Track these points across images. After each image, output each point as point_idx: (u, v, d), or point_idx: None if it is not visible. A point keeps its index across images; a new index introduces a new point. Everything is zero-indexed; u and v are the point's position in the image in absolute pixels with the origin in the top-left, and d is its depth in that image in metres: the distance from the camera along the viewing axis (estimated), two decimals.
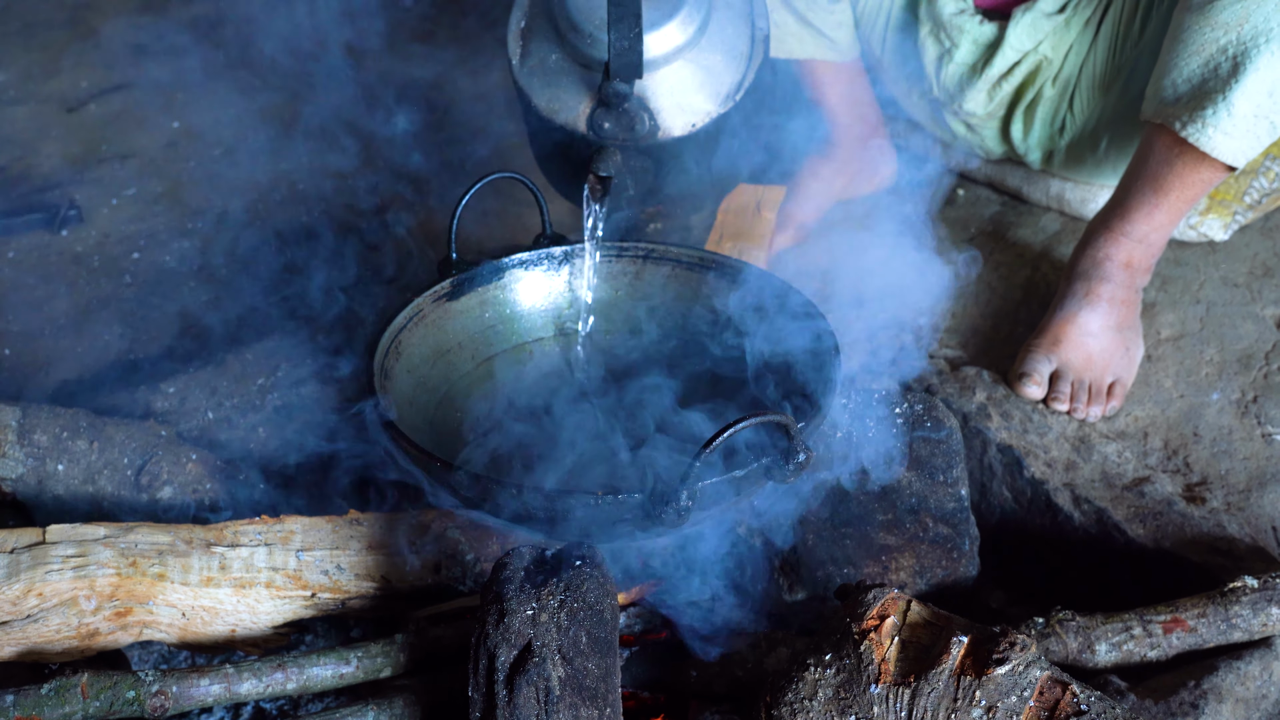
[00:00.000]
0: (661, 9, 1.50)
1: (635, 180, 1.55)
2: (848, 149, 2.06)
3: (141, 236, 2.13)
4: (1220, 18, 1.56)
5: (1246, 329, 1.83)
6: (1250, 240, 2.00)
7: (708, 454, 1.17)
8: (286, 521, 1.43)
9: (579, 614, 1.15)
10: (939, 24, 1.91)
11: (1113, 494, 1.58)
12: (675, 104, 1.52)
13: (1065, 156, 1.98)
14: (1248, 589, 1.36)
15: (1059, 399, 1.70)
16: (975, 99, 1.94)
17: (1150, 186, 1.69)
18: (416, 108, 2.16)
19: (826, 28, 1.94)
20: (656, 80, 1.50)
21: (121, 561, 1.36)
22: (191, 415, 1.67)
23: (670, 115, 1.53)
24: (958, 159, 2.15)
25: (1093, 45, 1.85)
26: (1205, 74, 1.59)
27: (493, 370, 1.59)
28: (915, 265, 1.91)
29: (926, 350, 1.80)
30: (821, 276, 1.91)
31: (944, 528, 1.49)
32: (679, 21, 1.50)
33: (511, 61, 1.60)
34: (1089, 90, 1.88)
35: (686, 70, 1.53)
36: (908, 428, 1.56)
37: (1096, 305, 1.73)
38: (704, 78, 1.53)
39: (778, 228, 1.98)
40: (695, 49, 1.53)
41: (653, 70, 1.50)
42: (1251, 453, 1.64)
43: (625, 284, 1.61)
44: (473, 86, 2.35)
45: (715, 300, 1.57)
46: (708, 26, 1.53)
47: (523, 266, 1.60)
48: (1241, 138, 1.59)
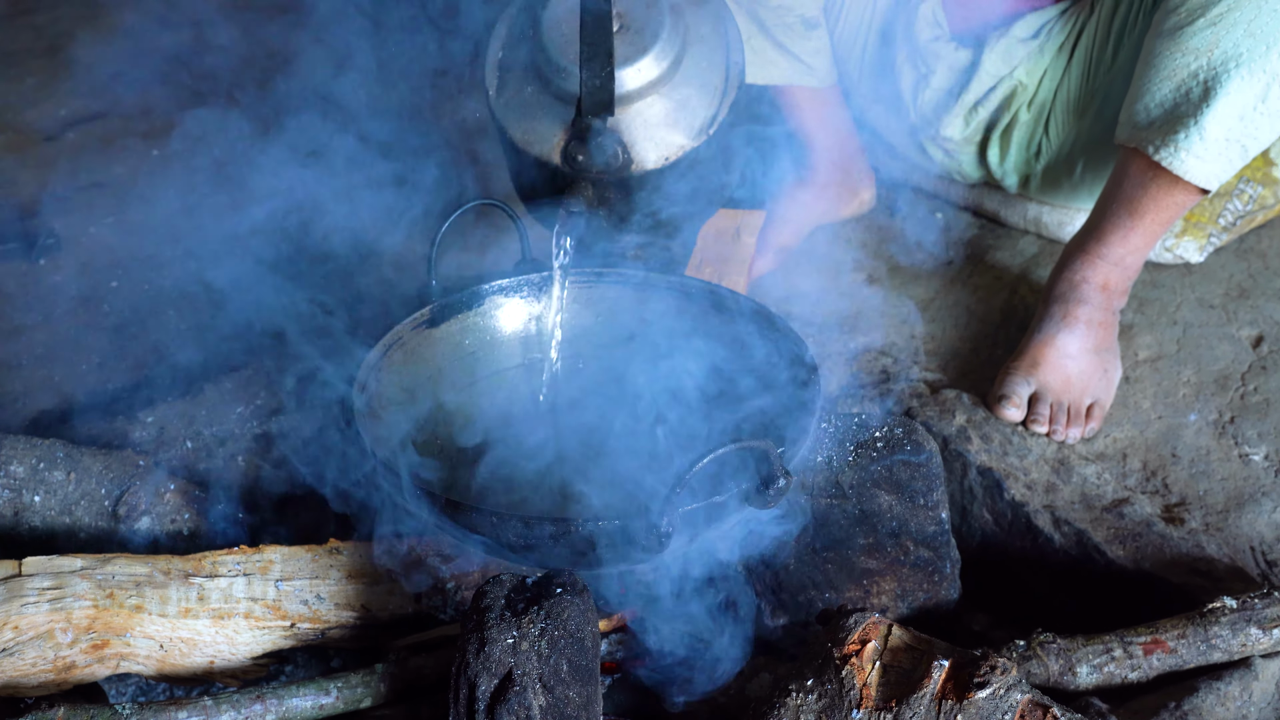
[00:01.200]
0: (636, 44, 1.51)
1: (609, 212, 1.56)
2: (826, 173, 2.08)
3: (120, 265, 2.12)
4: (1191, 43, 1.58)
5: (1223, 350, 1.84)
6: (1225, 262, 2.01)
7: (687, 480, 1.17)
8: (265, 551, 1.42)
9: (560, 642, 1.15)
10: (915, 50, 1.93)
11: (1092, 515, 1.59)
12: (649, 137, 1.54)
13: (1041, 180, 1.99)
14: (1227, 610, 1.37)
15: (1038, 421, 1.70)
16: (952, 124, 1.96)
17: (1125, 210, 1.70)
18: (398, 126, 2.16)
19: (803, 54, 1.95)
20: (631, 114, 1.52)
21: (98, 593, 1.34)
22: (170, 445, 1.66)
23: (644, 148, 1.54)
24: (936, 183, 2.16)
25: (1067, 70, 1.87)
26: (1177, 99, 1.61)
27: (473, 396, 1.58)
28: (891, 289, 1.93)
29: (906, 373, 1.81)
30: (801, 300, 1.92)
31: (925, 551, 1.49)
32: (653, 56, 1.52)
33: (488, 93, 1.61)
34: (1064, 115, 1.90)
35: (661, 104, 1.54)
36: (888, 451, 1.56)
37: (1074, 327, 1.74)
38: (678, 112, 1.55)
39: (758, 252, 1.99)
40: (669, 83, 1.54)
41: (627, 104, 1.51)
42: (1229, 473, 1.65)
43: (604, 310, 1.62)
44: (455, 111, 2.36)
45: (695, 325, 1.58)
46: (682, 61, 1.54)
47: (502, 293, 1.60)
48: (1214, 161, 1.61)
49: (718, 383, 1.46)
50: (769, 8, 1.88)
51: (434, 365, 1.53)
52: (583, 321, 1.62)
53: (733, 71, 1.57)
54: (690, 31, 1.56)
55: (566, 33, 1.52)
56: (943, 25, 1.93)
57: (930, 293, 1.99)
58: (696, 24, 1.58)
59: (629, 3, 1.53)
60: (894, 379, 1.78)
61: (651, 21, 1.53)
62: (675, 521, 1.20)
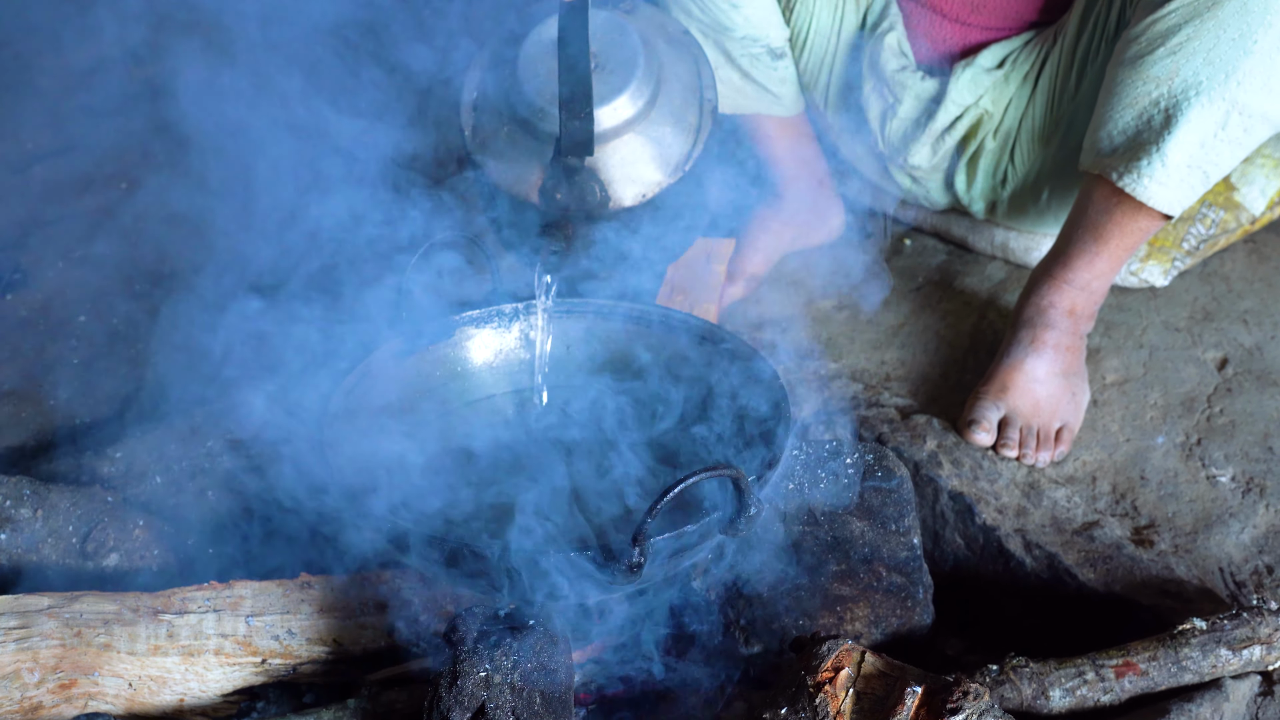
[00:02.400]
0: (612, 83, 1.53)
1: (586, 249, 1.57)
2: (796, 201, 2.09)
3: (88, 299, 2.11)
4: (1151, 72, 1.60)
5: (1189, 372, 1.86)
6: (1190, 285, 2.04)
7: (659, 509, 1.17)
8: (236, 586, 1.41)
9: (533, 674, 1.15)
10: (882, 80, 1.95)
11: (1063, 539, 1.60)
12: (626, 175, 1.55)
13: (1008, 207, 2.02)
14: (1197, 631, 1.38)
15: (1008, 445, 1.72)
16: (919, 152, 1.98)
17: (1091, 235, 1.72)
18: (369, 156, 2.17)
19: (771, 84, 1.97)
20: (607, 152, 1.53)
21: (66, 632, 1.33)
22: (139, 480, 1.65)
23: (621, 186, 1.55)
24: (904, 210, 2.18)
25: (1031, 99, 1.90)
26: (1139, 126, 1.63)
27: (445, 428, 1.58)
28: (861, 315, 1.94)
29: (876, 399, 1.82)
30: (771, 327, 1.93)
31: (898, 577, 1.49)
32: (629, 95, 1.54)
33: (464, 132, 1.62)
34: (1029, 142, 1.93)
35: (637, 142, 1.55)
36: (859, 477, 1.57)
37: (1042, 352, 1.76)
38: (654, 149, 1.56)
39: (728, 280, 2.00)
40: (645, 121, 1.56)
41: (604, 143, 1.53)
42: (1197, 495, 1.66)
43: (576, 340, 1.62)
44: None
45: (666, 354, 1.58)
46: (657, 99, 1.56)
47: (473, 324, 1.60)
48: (1176, 187, 1.63)
49: (689, 411, 1.47)
50: (735, 39, 1.90)
51: (404, 396, 1.53)
52: (554, 351, 1.62)
53: (706, 108, 1.60)
54: (664, 69, 1.58)
55: (542, 73, 1.54)
56: (909, 56, 1.95)
57: (900, 318, 2.00)
58: (670, 61, 1.60)
59: (603, 42, 1.55)
60: (864, 405, 1.79)
61: (626, 61, 1.55)
62: (647, 550, 1.20)
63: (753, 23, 1.89)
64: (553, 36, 1.54)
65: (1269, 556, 1.57)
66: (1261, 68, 1.54)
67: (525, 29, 1.60)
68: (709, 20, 1.86)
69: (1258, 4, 1.51)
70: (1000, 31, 1.90)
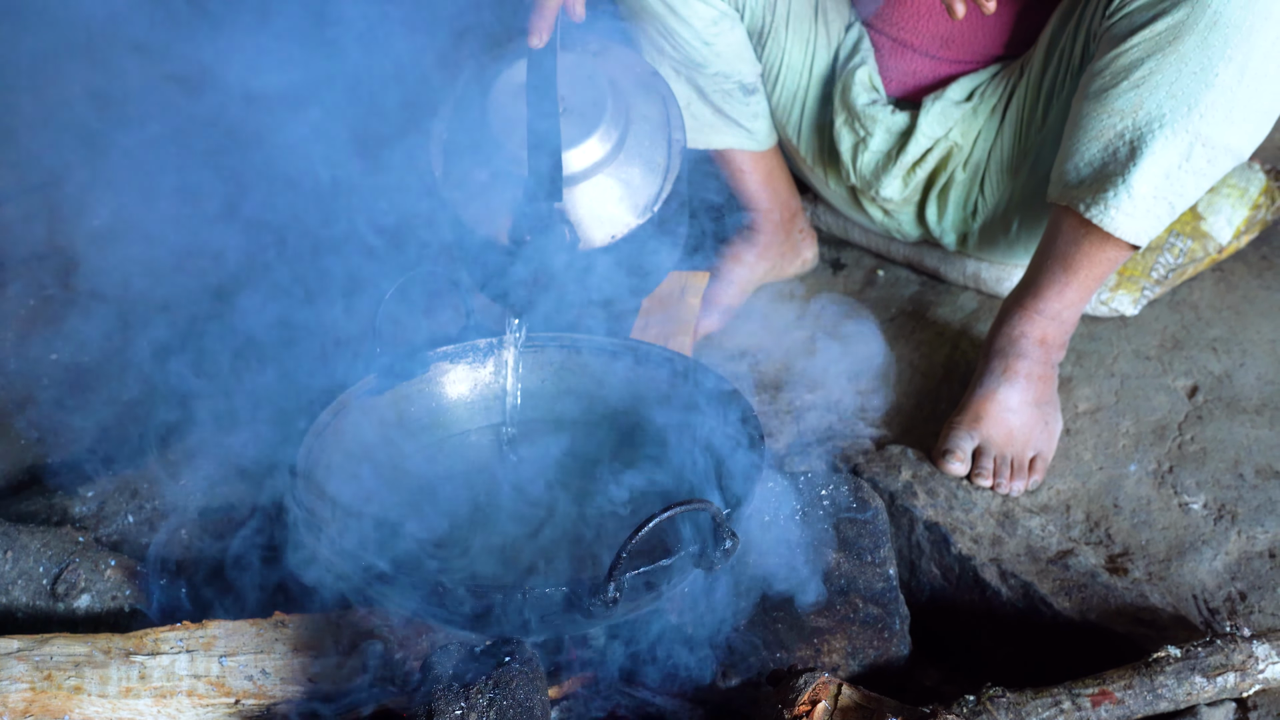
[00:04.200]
0: (580, 126, 1.54)
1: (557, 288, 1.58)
2: (769, 234, 2.11)
3: (59, 337, 2.09)
4: (1116, 105, 1.62)
5: (1159, 400, 1.88)
6: (1159, 314, 2.06)
7: (634, 544, 1.17)
8: (209, 626, 1.40)
9: (508, 712, 1.14)
10: (853, 114, 1.97)
11: (1038, 567, 1.60)
12: (595, 216, 1.56)
13: (979, 238, 2.04)
14: (1171, 659, 1.38)
15: (982, 475, 1.72)
16: (891, 185, 2.00)
17: (1060, 266, 1.74)
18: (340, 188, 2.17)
19: (743, 119, 1.99)
20: (577, 193, 1.54)
21: (36, 675, 1.31)
22: (111, 520, 1.63)
23: (591, 227, 1.56)
24: (876, 241, 2.20)
25: (999, 131, 1.92)
26: (1105, 158, 1.65)
27: (421, 464, 1.58)
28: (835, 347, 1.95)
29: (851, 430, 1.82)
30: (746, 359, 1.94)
31: (874, 608, 1.50)
32: (598, 138, 1.55)
33: (434, 173, 1.62)
34: (998, 174, 1.95)
35: (606, 183, 1.56)
36: (834, 509, 1.57)
37: (1015, 382, 1.77)
38: (623, 190, 1.57)
39: (702, 313, 2.01)
40: (614, 163, 1.57)
41: (573, 184, 1.54)
42: (1170, 522, 1.68)
43: (550, 374, 1.62)
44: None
45: (641, 388, 1.58)
46: (626, 141, 1.57)
47: (448, 359, 1.60)
48: (1142, 218, 1.65)
49: (663, 445, 1.47)
50: (707, 75, 1.91)
51: (379, 432, 1.53)
52: (529, 386, 1.62)
53: (674, 148, 1.61)
54: (632, 110, 1.59)
55: (511, 116, 1.54)
56: (879, 90, 1.97)
57: (873, 349, 2.01)
58: (638, 103, 1.61)
59: (571, 85, 1.56)
60: (839, 436, 1.80)
61: (594, 103, 1.56)
62: (623, 585, 1.20)
63: (725, 59, 1.91)
64: (522, 80, 1.55)
65: (1241, 583, 1.58)
66: (1223, 100, 1.57)
67: (495, 70, 1.61)
68: (681, 57, 1.88)
69: (1218, 38, 1.53)
70: (968, 65, 1.93)
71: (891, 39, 1.94)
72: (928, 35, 1.91)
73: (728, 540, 1.24)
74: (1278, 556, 1.61)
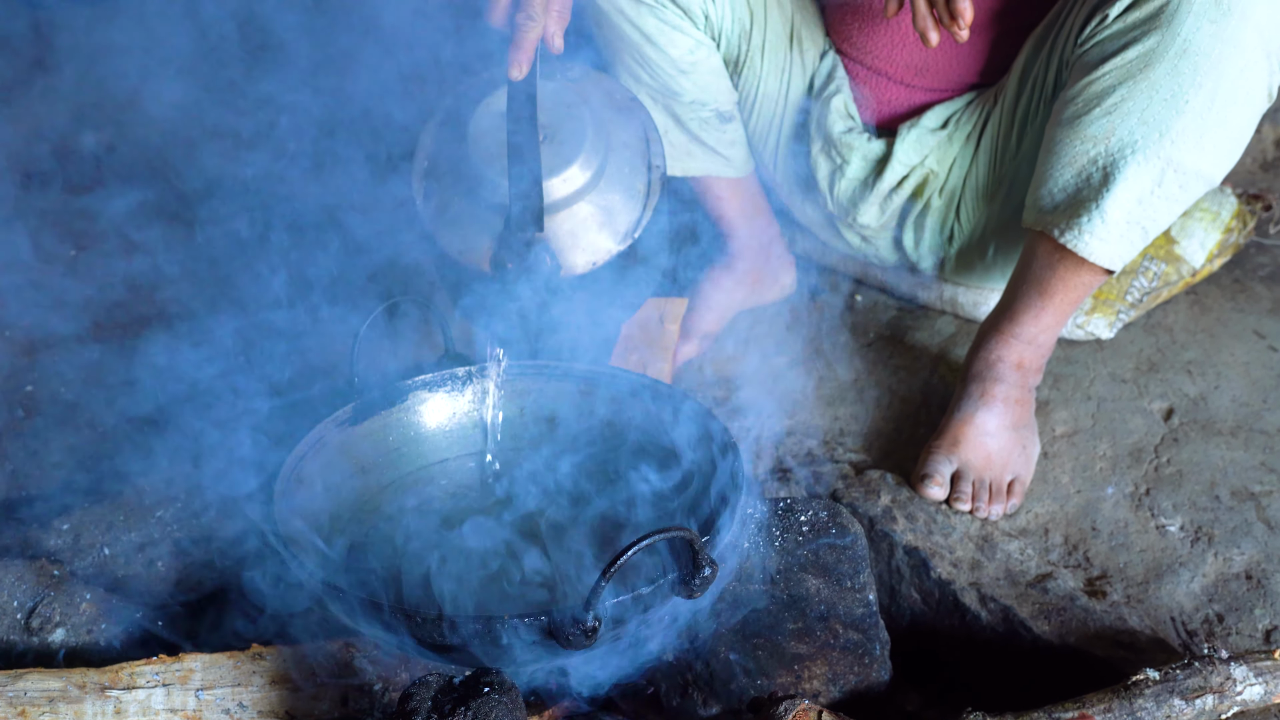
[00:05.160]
0: (561, 154, 1.55)
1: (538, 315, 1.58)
2: (747, 260, 2.11)
3: (35, 369, 2.08)
4: (1089, 131, 1.64)
5: (1136, 423, 1.89)
6: (1135, 337, 2.08)
7: (613, 572, 1.16)
8: (185, 660, 1.39)
9: None
10: (829, 142, 1.98)
11: (1017, 591, 1.61)
12: (577, 244, 1.57)
13: (955, 263, 2.05)
14: (1150, 681, 1.39)
15: (961, 499, 1.73)
16: (868, 212, 2.01)
17: (1036, 290, 1.75)
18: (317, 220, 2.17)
19: (719, 146, 2.00)
20: (558, 221, 1.55)
21: (9, 711, 1.30)
22: (86, 552, 1.62)
23: (572, 255, 1.56)
24: (854, 266, 2.21)
25: (974, 158, 1.94)
26: (1079, 184, 1.67)
27: (400, 493, 1.57)
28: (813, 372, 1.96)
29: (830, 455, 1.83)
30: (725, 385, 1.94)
31: (854, 633, 1.50)
32: (578, 165, 1.55)
33: (416, 201, 1.62)
34: (974, 200, 1.96)
35: (587, 211, 1.57)
36: (813, 535, 1.57)
37: (992, 406, 1.78)
38: (604, 217, 1.58)
39: (681, 339, 2.01)
40: (595, 190, 1.57)
41: (554, 212, 1.54)
42: (1147, 545, 1.68)
43: (529, 402, 1.62)
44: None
45: (620, 415, 1.58)
46: (606, 168, 1.58)
47: (426, 388, 1.60)
48: (1116, 243, 1.67)
49: (642, 472, 1.47)
50: (684, 103, 1.93)
51: (357, 463, 1.52)
52: (507, 414, 1.62)
53: (654, 175, 1.62)
54: (612, 137, 1.60)
55: (491, 145, 1.55)
56: (855, 118, 1.99)
57: (852, 374, 2.02)
58: (617, 129, 1.62)
59: (551, 113, 1.57)
60: (818, 461, 1.81)
61: (574, 131, 1.56)
62: (602, 614, 1.20)
63: (701, 87, 1.92)
64: (501, 109, 1.56)
65: (1219, 605, 1.58)
66: (1194, 127, 1.59)
67: (474, 99, 1.61)
68: (658, 85, 1.89)
69: (1188, 66, 1.55)
70: (943, 93, 1.95)
71: (866, 67, 1.96)
72: (902, 64, 1.92)
73: (706, 568, 1.24)
74: (1254, 578, 1.62)
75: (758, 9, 1.92)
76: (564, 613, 1.19)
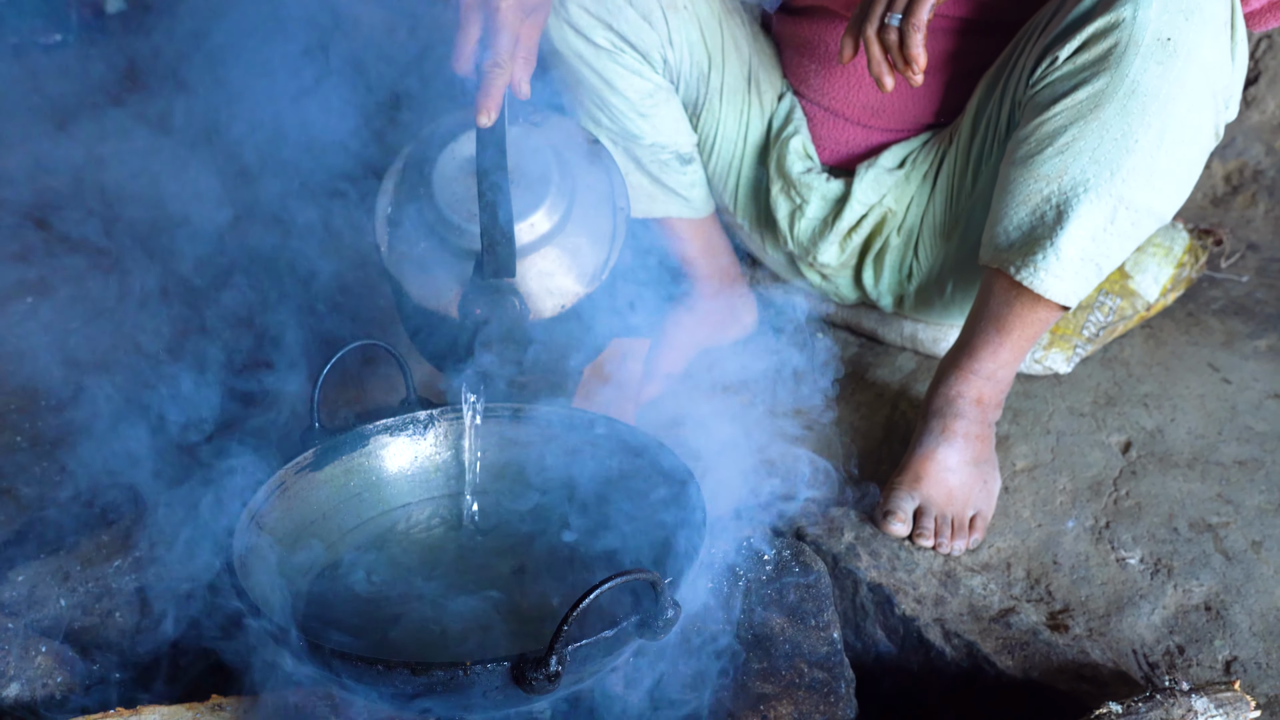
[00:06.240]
0: (527, 199, 1.55)
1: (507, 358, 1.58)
2: (709, 299, 2.13)
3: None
4: (1042, 170, 1.67)
5: (1095, 457, 1.91)
6: (1092, 371, 2.10)
7: (575, 616, 1.16)
8: (144, 712, 1.37)
9: None
10: (789, 182, 2.01)
11: (981, 626, 1.61)
12: (544, 288, 1.57)
13: (915, 300, 2.07)
14: (1113, 715, 1.39)
15: (924, 535, 1.74)
16: (828, 251, 2.03)
17: (993, 326, 1.77)
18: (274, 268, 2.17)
19: (680, 188, 2.02)
20: (525, 266, 1.55)
21: None
22: (42, 604, 1.59)
23: (540, 298, 1.57)
24: (815, 304, 2.23)
25: (931, 197, 1.96)
26: (1033, 222, 1.69)
27: (361, 538, 1.56)
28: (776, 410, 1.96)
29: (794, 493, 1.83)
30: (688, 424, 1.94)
31: (819, 672, 1.50)
32: (545, 210, 1.56)
33: (380, 249, 1.62)
34: (931, 238, 1.99)
35: (554, 254, 1.57)
36: (777, 574, 1.57)
37: (953, 441, 1.79)
38: (571, 260, 1.58)
39: (644, 379, 2.02)
40: (562, 234, 1.58)
41: (521, 257, 1.54)
42: (1108, 578, 1.70)
43: (492, 444, 1.62)
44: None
45: (583, 457, 1.58)
46: (572, 211, 1.58)
47: (388, 432, 1.59)
48: (1071, 279, 1.69)
49: (605, 514, 1.47)
50: (644, 146, 1.94)
51: (318, 509, 1.51)
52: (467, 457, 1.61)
53: (620, 216, 1.62)
54: (577, 180, 1.61)
55: (458, 191, 1.55)
56: (814, 158, 2.01)
57: (814, 411, 2.03)
58: (582, 172, 1.62)
59: (517, 159, 1.58)
60: (781, 500, 1.81)
61: (540, 176, 1.57)
62: (565, 658, 1.19)
63: (660, 130, 1.94)
64: (466, 154, 1.56)
65: (1179, 636, 1.60)
66: (1143, 165, 1.62)
67: (438, 143, 1.62)
68: (618, 129, 1.91)
69: (1136, 106, 1.58)
70: (899, 133, 1.97)
71: (824, 109, 1.98)
72: (859, 105, 1.95)
73: (669, 609, 1.24)
74: (1213, 609, 1.63)
75: (715, 53, 1.95)
76: (527, 658, 1.18)
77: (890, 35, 1.59)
